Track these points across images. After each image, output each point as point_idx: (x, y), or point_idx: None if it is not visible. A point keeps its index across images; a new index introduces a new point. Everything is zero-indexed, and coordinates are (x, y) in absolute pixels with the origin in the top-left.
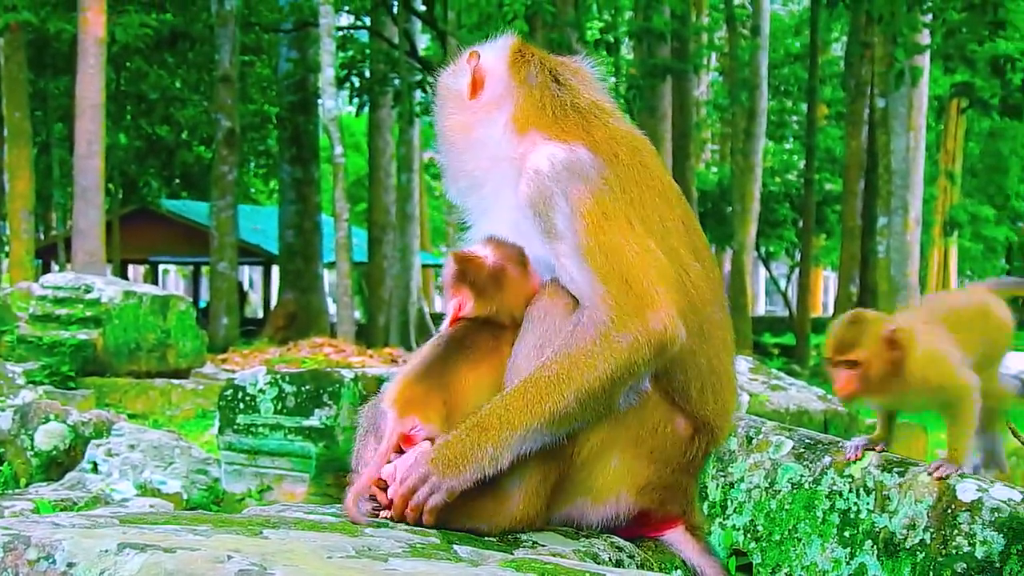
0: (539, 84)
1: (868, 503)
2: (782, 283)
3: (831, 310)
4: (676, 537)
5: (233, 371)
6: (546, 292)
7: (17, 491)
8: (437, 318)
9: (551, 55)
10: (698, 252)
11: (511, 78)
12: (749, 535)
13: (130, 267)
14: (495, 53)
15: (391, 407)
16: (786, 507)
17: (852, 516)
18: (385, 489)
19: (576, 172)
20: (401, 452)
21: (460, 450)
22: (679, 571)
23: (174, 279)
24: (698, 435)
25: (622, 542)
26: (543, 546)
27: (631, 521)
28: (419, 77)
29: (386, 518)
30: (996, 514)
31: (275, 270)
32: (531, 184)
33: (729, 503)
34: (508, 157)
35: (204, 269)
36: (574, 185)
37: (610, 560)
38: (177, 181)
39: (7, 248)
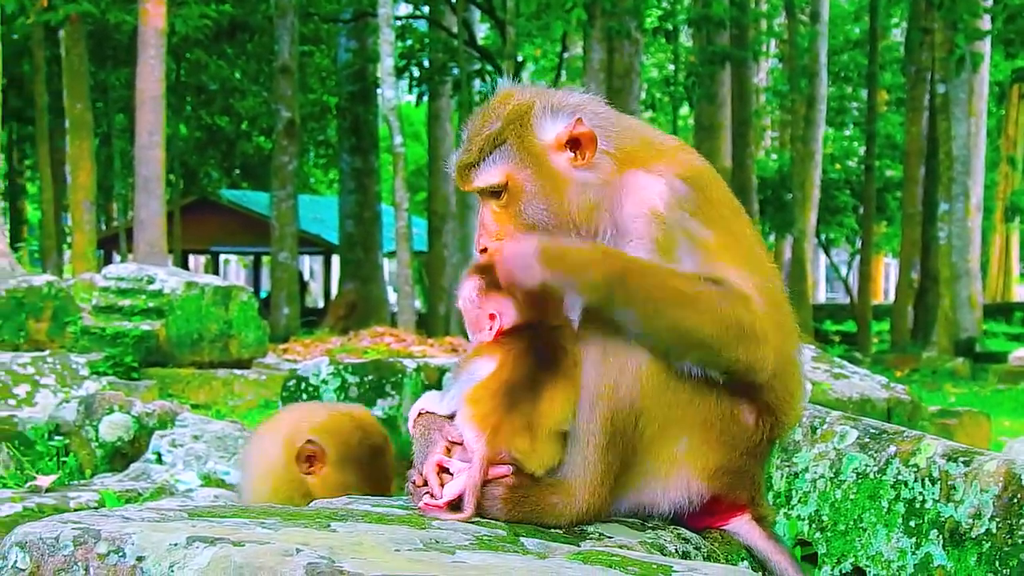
0: (612, 124)
1: (933, 493)
2: (843, 270)
3: (892, 297)
4: (742, 526)
5: (294, 361)
6: None
7: (82, 482)
8: None
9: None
10: (762, 247)
11: (598, 143)
12: (814, 525)
13: (191, 257)
14: (588, 117)
15: (479, 431)
16: (851, 497)
17: (917, 506)
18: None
19: (684, 205)
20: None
21: (574, 259)
22: (746, 562)
23: (235, 269)
24: (762, 420)
25: (688, 533)
26: (610, 538)
27: (702, 508)
28: (478, 66)
29: (432, 506)
30: None
31: (335, 260)
32: (652, 224)
33: (794, 493)
34: (608, 199)
35: (265, 259)
36: (690, 221)
37: (676, 552)
38: (237, 171)
39: (69, 239)
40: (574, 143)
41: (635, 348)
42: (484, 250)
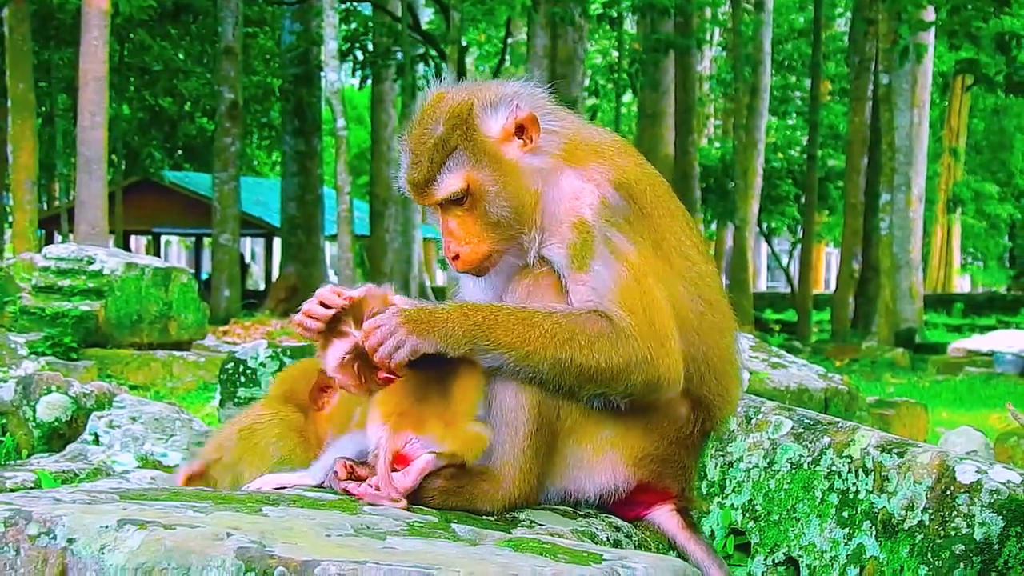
0: (548, 105)
1: (867, 484)
2: (784, 259)
3: (833, 286)
4: (662, 516)
5: (234, 343)
6: (531, 274)
7: (19, 462)
8: (439, 292)
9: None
10: (701, 249)
11: (539, 123)
12: (747, 515)
13: (132, 238)
14: (525, 101)
15: (383, 423)
16: (785, 487)
17: (851, 496)
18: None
19: (612, 218)
20: (395, 469)
21: (436, 319)
22: (675, 552)
23: (176, 250)
24: (695, 413)
25: (620, 522)
26: (541, 525)
27: (631, 497)
28: (422, 50)
29: (358, 496)
30: (995, 496)
31: (277, 242)
32: (574, 231)
33: (728, 483)
34: (541, 193)
35: (206, 241)
36: (614, 233)
37: (608, 540)
38: (180, 153)
39: (10, 219)
40: (520, 129)
41: None
42: (456, 256)
